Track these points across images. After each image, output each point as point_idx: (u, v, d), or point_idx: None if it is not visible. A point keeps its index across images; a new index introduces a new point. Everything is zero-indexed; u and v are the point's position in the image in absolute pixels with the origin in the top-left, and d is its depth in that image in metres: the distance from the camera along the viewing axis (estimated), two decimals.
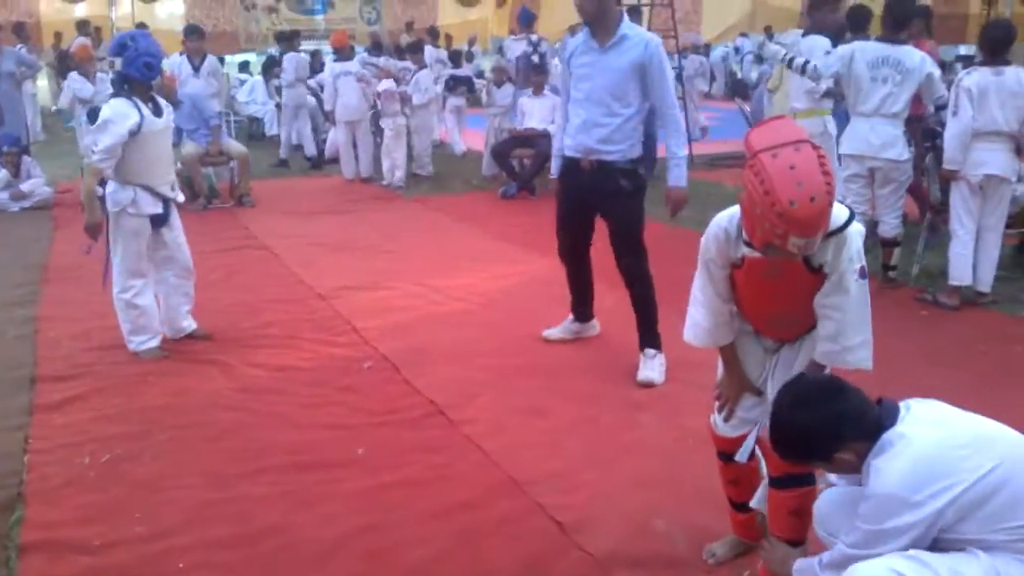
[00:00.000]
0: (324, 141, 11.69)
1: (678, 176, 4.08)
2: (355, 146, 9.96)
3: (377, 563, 2.72)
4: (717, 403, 2.58)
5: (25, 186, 8.32)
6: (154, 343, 4.51)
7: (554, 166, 4.42)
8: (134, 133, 4.18)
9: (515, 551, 2.77)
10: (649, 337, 4.22)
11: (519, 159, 9.23)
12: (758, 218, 2.06)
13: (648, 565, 2.68)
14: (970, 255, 5.21)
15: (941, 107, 5.45)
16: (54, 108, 11.92)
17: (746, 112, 10.93)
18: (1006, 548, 1.82)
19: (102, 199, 4.28)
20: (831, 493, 2.28)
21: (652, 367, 4.16)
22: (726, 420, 2.56)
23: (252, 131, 13.70)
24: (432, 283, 5.78)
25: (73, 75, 9.99)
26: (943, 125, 5.57)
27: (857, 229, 2.22)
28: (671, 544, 2.79)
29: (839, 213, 2.17)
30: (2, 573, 2.63)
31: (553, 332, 4.70)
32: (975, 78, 4.97)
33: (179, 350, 4.56)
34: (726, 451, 2.60)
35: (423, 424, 3.72)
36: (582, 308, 4.67)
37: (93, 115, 7.02)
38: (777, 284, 2.29)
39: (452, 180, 9.97)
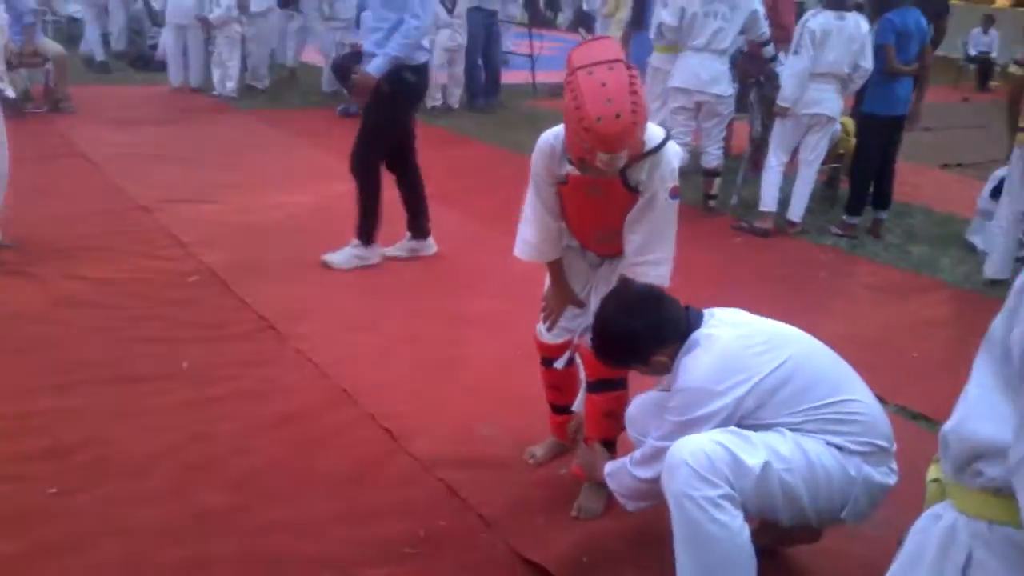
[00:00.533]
0: (153, 47, 10.94)
1: (376, 66, 4.24)
2: (185, 53, 9.38)
3: (203, 473, 2.69)
4: (543, 313, 2.70)
5: None
6: None
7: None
8: None
9: (346, 458, 2.82)
10: (358, 229, 4.54)
11: None
12: (571, 133, 2.14)
13: (472, 466, 2.79)
14: (778, 185, 5.61)
15: (763, 44, 5.76)
16: None
17: None
18: (800, 428, 2.04)
19: None
20: (640, 399, 2.45)
21: (340, 252, 4.52)
22: (549, 329, 2.69)
23: (71, 32, 12.57)
24: (264, 199, 5.61)
25: None
26: (767, 62, 5.91)
27: (673, 150, 2.32)
28: (495, 446, 2.92)
29: (655, 134, 2.27)
30: None
31: (390, 250, 4.71)
32: (820, 21, 5.24)
33: None
34: (549, 357, 2.74)
35: (253, 338, 3.66)
36: (413, 222, 4.75)
37: None
38: (599, 202, 2.39)
39: (289, 95, 9.62)
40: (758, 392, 2.02)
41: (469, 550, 2.39)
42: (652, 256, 2.37)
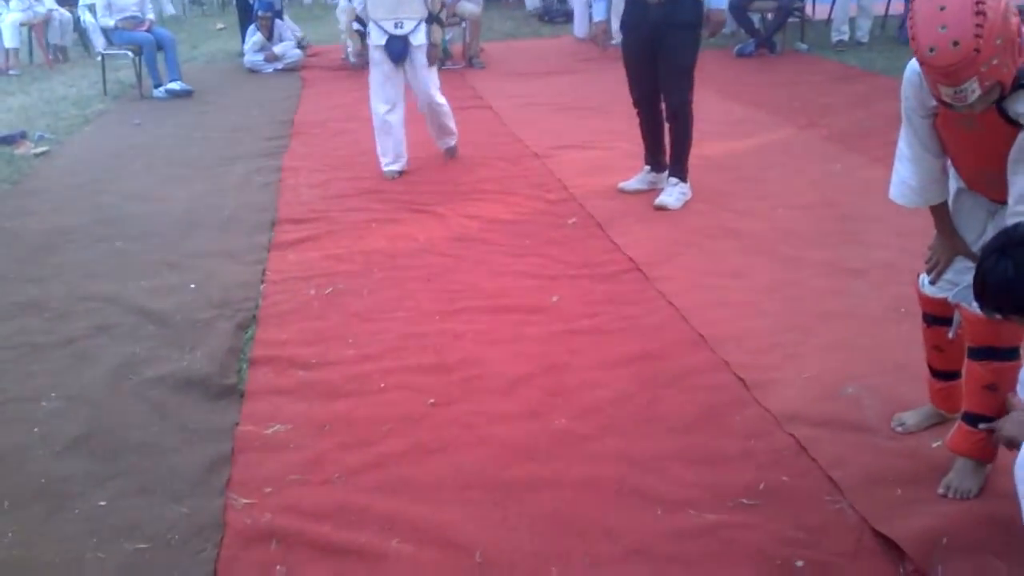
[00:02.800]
0: (563, 1, 11.57)
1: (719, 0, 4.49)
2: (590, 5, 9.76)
3: (557, 398, 2.84)
4: (927, 263, 2.38)
5: (277, 48, 8.98)
6: (396, 166, 5.20)
7: (598, 10, 4.95)
8: None
9: (692, 401, 2.78)
10: (677, 169, 4.59)
11: (761, 13, 8.63)
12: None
13: (829, 425, 2.58)
14: None
15: None
16: None
17: None
18: None
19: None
20: None
21: (670, 192, 4.54)
22: (933, 282, 2.37)
23: None
24: None
25: None
26: None
27: None
28: (858, 409, 2.67)
29: None
30: (234, 379, 3.04)
31: (629, 184, 4.79)
32: None
33: (400, 200, 4.87)
34: (930, 313, 2.43)
35: (619, 279, 3.74)
36: (657, 156, 4.74)
37: None
38: (977, 136, 2.03)
39: None
40: None
41: (811, 511, 2.23)
42: None
